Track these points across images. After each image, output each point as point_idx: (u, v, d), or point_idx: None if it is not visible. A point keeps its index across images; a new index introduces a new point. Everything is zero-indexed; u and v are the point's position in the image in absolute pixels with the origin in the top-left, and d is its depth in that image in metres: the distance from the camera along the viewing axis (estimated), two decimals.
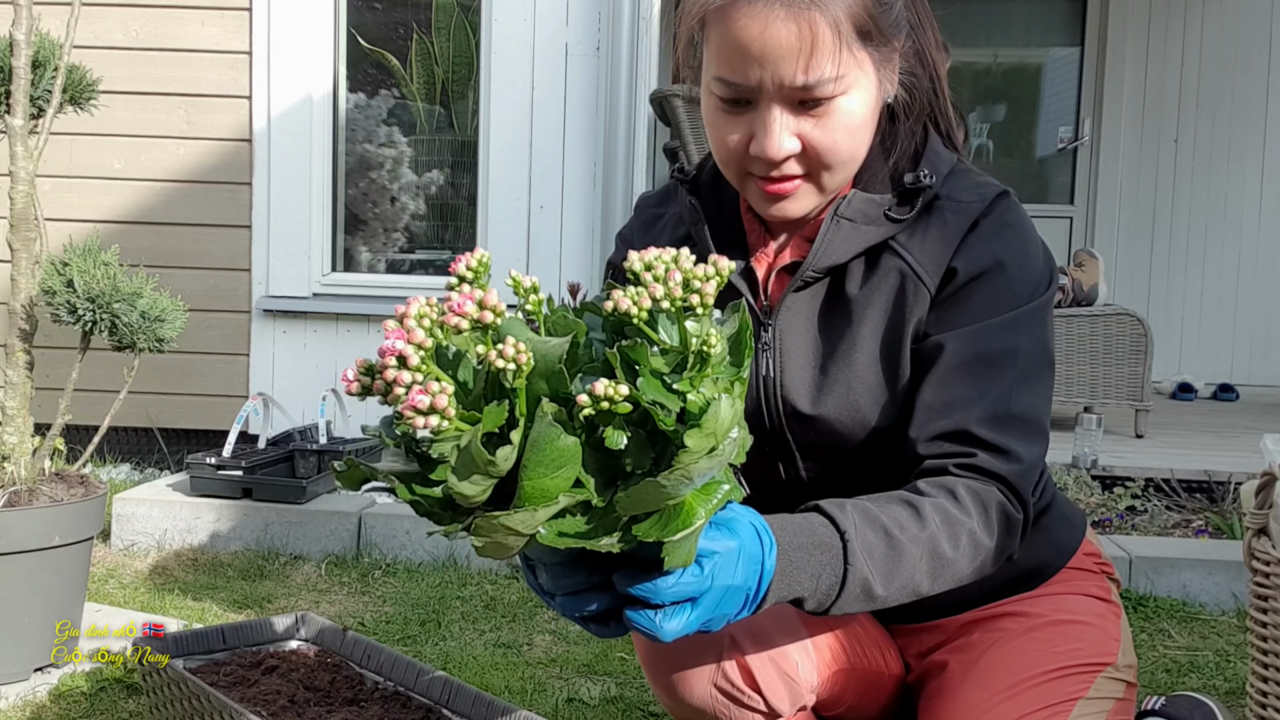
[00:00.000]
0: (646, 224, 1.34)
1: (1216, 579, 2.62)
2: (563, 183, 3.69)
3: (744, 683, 1.15)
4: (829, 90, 1.06)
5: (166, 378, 3.69)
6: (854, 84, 1.08)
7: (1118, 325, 3.88)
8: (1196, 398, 5.26)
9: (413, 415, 0.74)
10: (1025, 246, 1.12)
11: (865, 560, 0.95)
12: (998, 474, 1.06)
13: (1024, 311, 1.09)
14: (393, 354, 0.75)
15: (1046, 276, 1.13)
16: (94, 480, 2.08)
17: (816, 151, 1.09)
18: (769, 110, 1.07)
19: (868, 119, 1.10)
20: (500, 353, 0.75)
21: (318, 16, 3.78)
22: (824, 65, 1.04)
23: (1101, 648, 1.25)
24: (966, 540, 1.02)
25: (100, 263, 2.01)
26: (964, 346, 1.08)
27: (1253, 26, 5.79)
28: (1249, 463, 3.20)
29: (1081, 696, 1.21)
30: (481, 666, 2.10)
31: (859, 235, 1.13)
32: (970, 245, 1.10)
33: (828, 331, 1.16)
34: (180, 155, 3.80)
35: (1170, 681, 2.11)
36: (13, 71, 1.99)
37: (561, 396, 0.79)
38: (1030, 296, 1.10)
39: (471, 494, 0.76)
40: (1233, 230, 5.84)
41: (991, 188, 1.14)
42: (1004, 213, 1.12)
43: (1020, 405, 1.07)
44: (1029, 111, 6.23)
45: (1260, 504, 1.55)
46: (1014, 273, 1.10)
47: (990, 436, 1.06)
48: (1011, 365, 1.08)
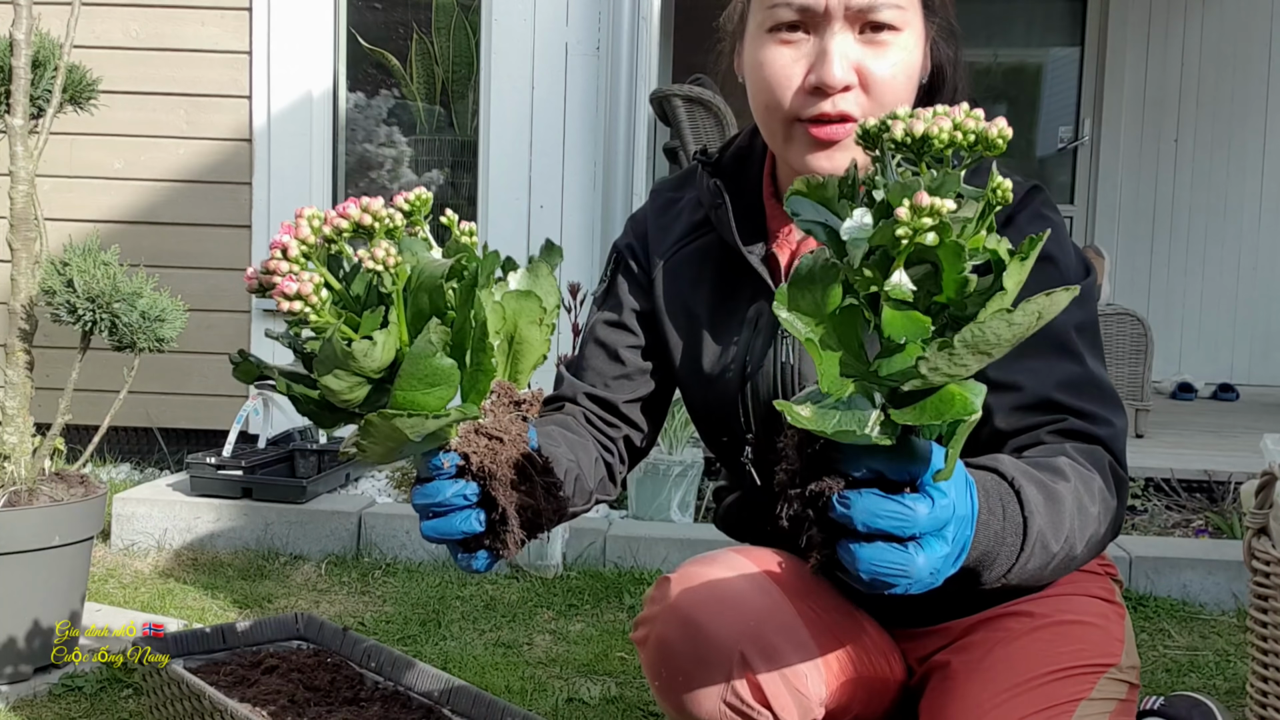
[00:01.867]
0: (662, 207, 1.31)
1: (1216, 579, 2.62)
2: (563, 183, 3.69)
3: (754, 699, 1.13)
4: (893, 17, 1.06)
5: (167, 377, 3.69)
6: (911, 25, 1.08)
7: (1118, 325, 3.88)
8: (1196, 397, 5.26)
9: (280, 300, 0.79)
10: (1062, 239, 1.11)
11: (1037, 510, 0.88)
12: (1095, 436, 1.03)
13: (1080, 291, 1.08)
14: (279, 246, 0.80)
15: (1084, 264, 1.13)
16: (94, 480, 2.08)
17: (874, 86, 1.07)
18: (831, 33, 1.06)
19: (917, 70, 1.10)
20: (372, 255, 0.79)
21: (317, 16, 3.78)
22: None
23: (1105, 648, 1.25)
24: (1099, 495, 0.98)
25: (100, 263, 2.01)
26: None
27: (1253, 26, 5.79)
28: (1249, 463, 3.20)
29: (1084, 697, 1.21)
30: (481, 666, 2.10)
31: None
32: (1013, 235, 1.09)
33: None
34: (180, 155, 3.80)
35: (1170, 681, 2.11)
36: (13, 71, 1.99)
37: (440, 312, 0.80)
38: (1078, 279, 1.08)
39: (337, 389, 0.79)
40: (1233, 230, 5.84)
41: (1024, 181, 1.13)
42: (1040, 206, 1.12)
43: (1097, 372, 1.05)
44: (1029, 111, 6.23)
45: (1260, 504, 1.55)
46: (1061, 261, 1.09)
47: (1074, 402, 1.03)
48: (1077, 336, 1.06)
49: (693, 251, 1.25)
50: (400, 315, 0.81)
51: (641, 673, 2.07)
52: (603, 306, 1.31)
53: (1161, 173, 5.88)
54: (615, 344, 1.27)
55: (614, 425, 1.26)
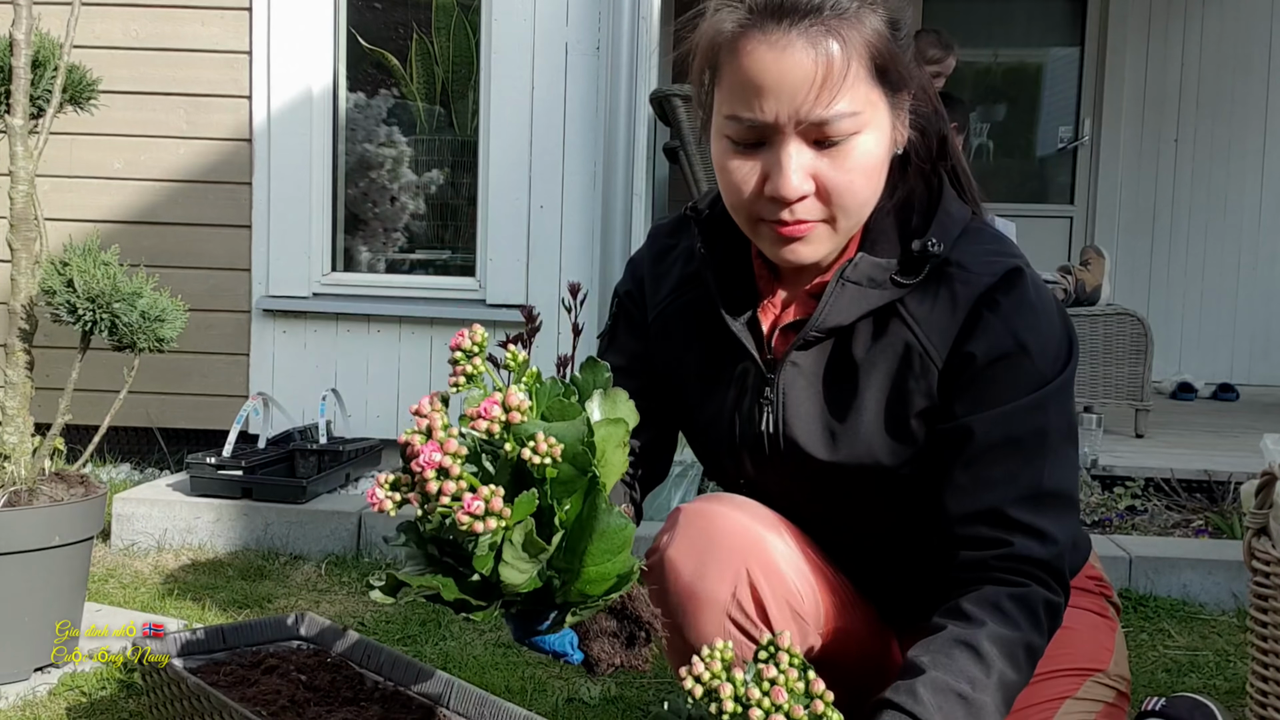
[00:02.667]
0: (658, 255, 1.33)
1: (1216, 579, 2.62)
2: (563, 183, 3.69)
3: (756, 615, 1.16)
4: (846, 127, 1.04)
5: (166, 378, 3.69)
6: (869, 123, 1.06)
7: (1118, 325, 3.88)
8: (1196, 397, 5.26)
9: (470, 521, 0.77)
10: (1045, 324, 1.10)
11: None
12: (1037, 560, 1.06)
13: (1050, 390, 1.08)
14: (433, 467, 0.78)
15: (1067, 349, 1.11)
16: (94, 480, 2.08)
17: (832, 193, 1.07)
18: (784, 147, 1.05)
19: (882, 162, 1.09)
20: (534, 449, 0.79)
21: (317, 16, 3.78)
22: (842, 97, 1.02)
23: (1093, 655, 1.26)
24: (1024, 654, 1.05)
25: (100, 262, 2.01)
26: (993, 429, 1.08)
27: (1253, 27, 5.79)
28: (1249, 462, 3.20)
29: (1070, 695, 1.22)
30: (481, 666, 2.10)
31: (864, 298, 1.12)
32: (989, 327, 1.08)
33: (833, 391, 1.16)
34: (180, 155, 3.80)
35: (1170, 681, 2.11)
36: (13, 71, 1.99)
37: (585, 470, 0.82)
38: (1055, 374, 1.09)
39: (519, 582, 0.80)
40: (1233, 230, 5.84)
41: (1004, 260, 1.11)
42: (1023, 291, 1.09)
43: (1053, 482, 1.07)
44: (1029, 111, 6.23)
45: (1260, 504, 1.55)
46: (1036, 352, 1.08)
47: (1026, 518, 1.06)
48: (1041, 444, 1.07)
49: (684, 306, 1.27)
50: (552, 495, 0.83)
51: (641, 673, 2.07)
52: (608, 350, 1.34)
53: (1161, 173, 5.88)
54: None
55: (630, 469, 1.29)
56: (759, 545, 1.17)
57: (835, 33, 1.01)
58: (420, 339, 3.77)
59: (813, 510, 1.25)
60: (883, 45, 1.05)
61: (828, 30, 1.01)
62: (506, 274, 3.72)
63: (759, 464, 1.22)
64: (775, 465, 1.21)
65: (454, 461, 0.78)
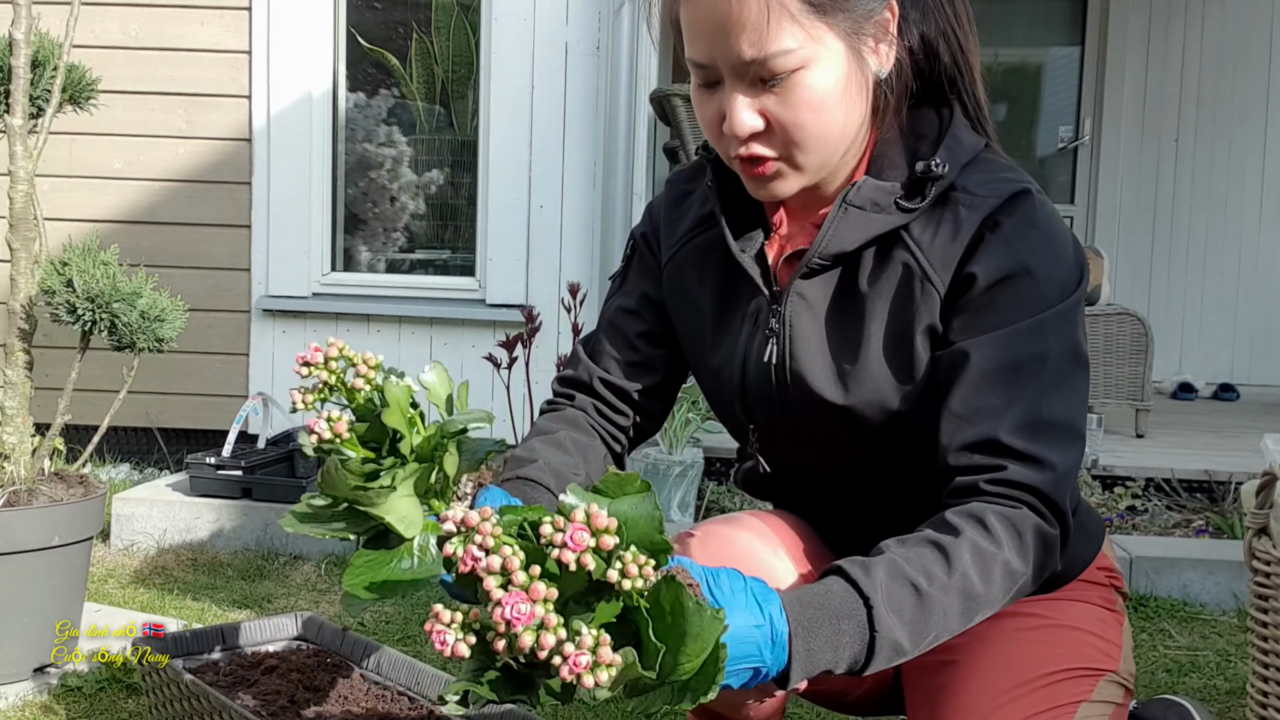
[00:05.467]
0: (675, 200, 1.31)
1: (1217, 579, 2.62)
2: (562, 182, 3.69)
3: None
4: (782, 65, 1.02)
5: (166, 378, 3.69)
6: (813, 58, 1.03)
7: (1118, 325, 3.87)
8: (1197, 397, 5.26)
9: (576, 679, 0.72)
10: (1051, 246, 1.06)
11: (893, 622, 0.93)
12: (1030, 486, 1.02)
13: (1052, 314, 1.04)
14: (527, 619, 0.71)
15: (1076, 274, 1.08)
16: (93, 480, 2.08)
17: (782, 129, 1.06)
18: (729, 88, 1.05)
19: (836, 94, 1.05)
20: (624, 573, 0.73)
21: (317, 16, 3.78)
22: (769, 40, 1.01)
23: (1104, 654, 1.25)
24: (1000, 572, 0.99)
25: (100, 262, 2.01)
26: (991, 354, 1.04)
27: (1253, 27, 5.79)
28: (1249, 462, 3.20)
29: (1085, 699, 1.21)
30: None
31: (867, 223, 1.09)
32: (992, 248, 1.05)
33: (840, 324, 1.13)
34: (180, 155, 3.80)
35: (1171, 681, 2.10)
36: (12, 71, 1.99)
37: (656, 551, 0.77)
38: (1059, 298, 1.05)
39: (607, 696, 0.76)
40: (1233, 230, 5.84)
41: (1012, 183, 1.09)
42: (1027, 212, 1.07)
43: (1052, 411, 1.03)
44: (1029, 111, 6.23)
45: (1261, 504, 1.55)
46: (1041, 276, 1.05)
47: (1021, 445, 1.02)
48: (1040, 371, 1.04)
49: (699, 245, 1.25)
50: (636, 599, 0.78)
51: None
52: (618, 292, 1.32)
53: (1162, 172, 5.88)
54: (629, 330, 1.29)
55: (624, 414, 1.29)
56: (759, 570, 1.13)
57: None
58: (420, 339, 3.77)
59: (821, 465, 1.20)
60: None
61: None
62: (506, 274, 3.72)
63: (769, 407, 1.19)
64: (785, 408, 1.17)
65: (547, 610, 0.71)
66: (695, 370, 1.29)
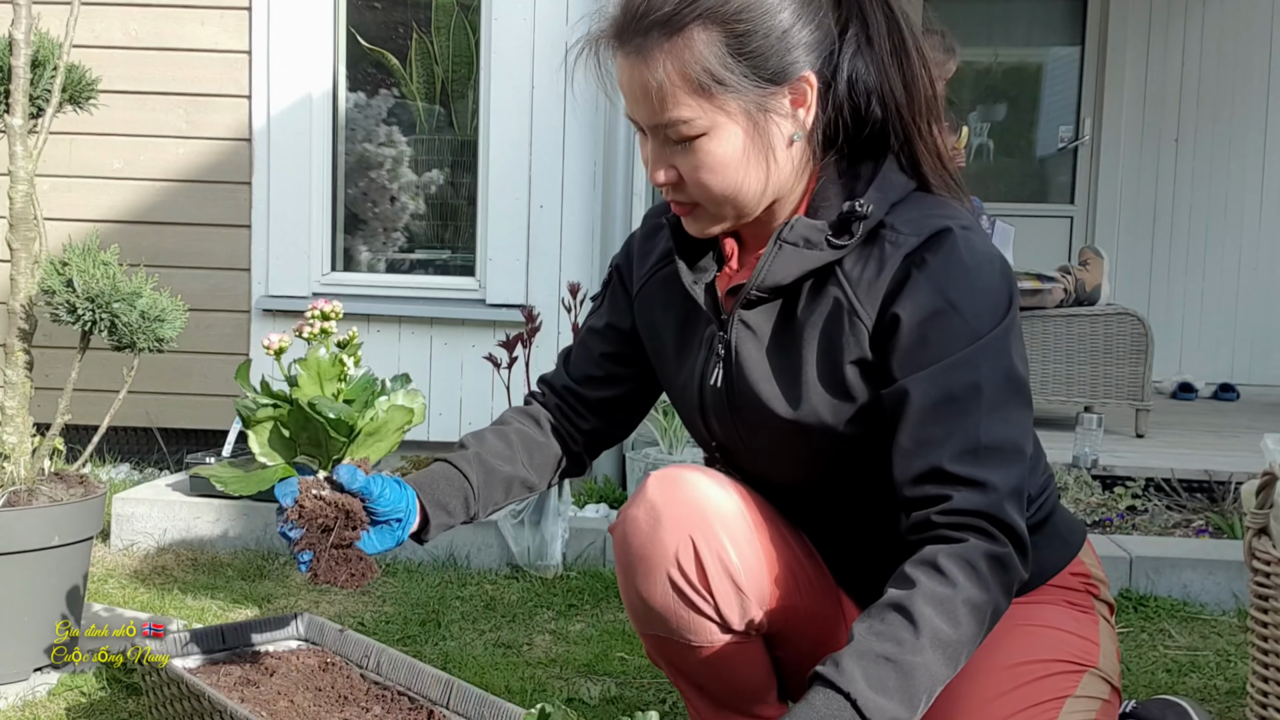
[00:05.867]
0: (649, 233, 1.42)
1: (1217, 579, 2.62)
2: (563, 182, 3.69)
3: (697, 580, 1.23)
4: (682, 131, 1.14)
5: (166, 377, 3.69)
6: (713, 126, 1.14)
7: (1118, 325, 3.88)
8: (1197, 397, 5.26)
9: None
10: (977, 279, 1.12)
11: (881, 701, 0.98)
12: (976, 510, 1.07)
13: (982, 345, 1.10)
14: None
15: (1004, 301, 1.13)
16: (93, 480, 2.08)
17: (689, 184, 1.18)
18: (650, 142, 1.19)
19: (736, 159, 1.15)
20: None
21: (317, 16, 3.78)
22: (669, 110, 1.13)
23: (1082, 649, 1.28)
24: (964, 611, 1.04)
25: (100, 262, 2.01)
26: (928, 389, 1.10)
27: (1253, 26, 5.79)
28: (1249, 462, 3.20)
29: (1070, 694, 1.23)
30: (481, 666, 2.10)
31: (801, 259, 1.17)
32: (918, 286, 1.12)
33: (781, 349, 1.21)
34: (180, 155, 3.80)
35: (1171, 681, 2.11)
36: (12, 71, 1.99)
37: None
38: (988, 328, 1.11)
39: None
40: (1233, 230, 5.84)
41: (937, 220, 1.15)
42: (950, 249, 1.13)
43: (991, 435, 1.09)
44: (1029, 111, 6.23)
45: (1261, 504, 1.55)
46: (966, 310, 1.11)
47: (964, 471, 1.08)
48: (976, 399, 1.09)
49: (663, 276, 1.36)
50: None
51: (642, 673, 2.07)
52: (594, 313, 1.47)
53: (1162, 172, 5.88)
54: (595, 349, 1.44)
55: (585, 419, 1.44)
56: (710, 514, 1.24)
57: (663, 54, 1.12)
58: (420, 339, 3.77)
59: (782, 481, 1.28)
60: (716, 57, 1.12)
61: (656, 52, 1.13)
62: (506, 274, 3.72)
63: (724, 424, 1.28)
64: (739, 425, 1.26)
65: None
66: (666, 389, 1.41)
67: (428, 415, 4.03)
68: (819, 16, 1.16)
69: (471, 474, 1.34)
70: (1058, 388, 3.90)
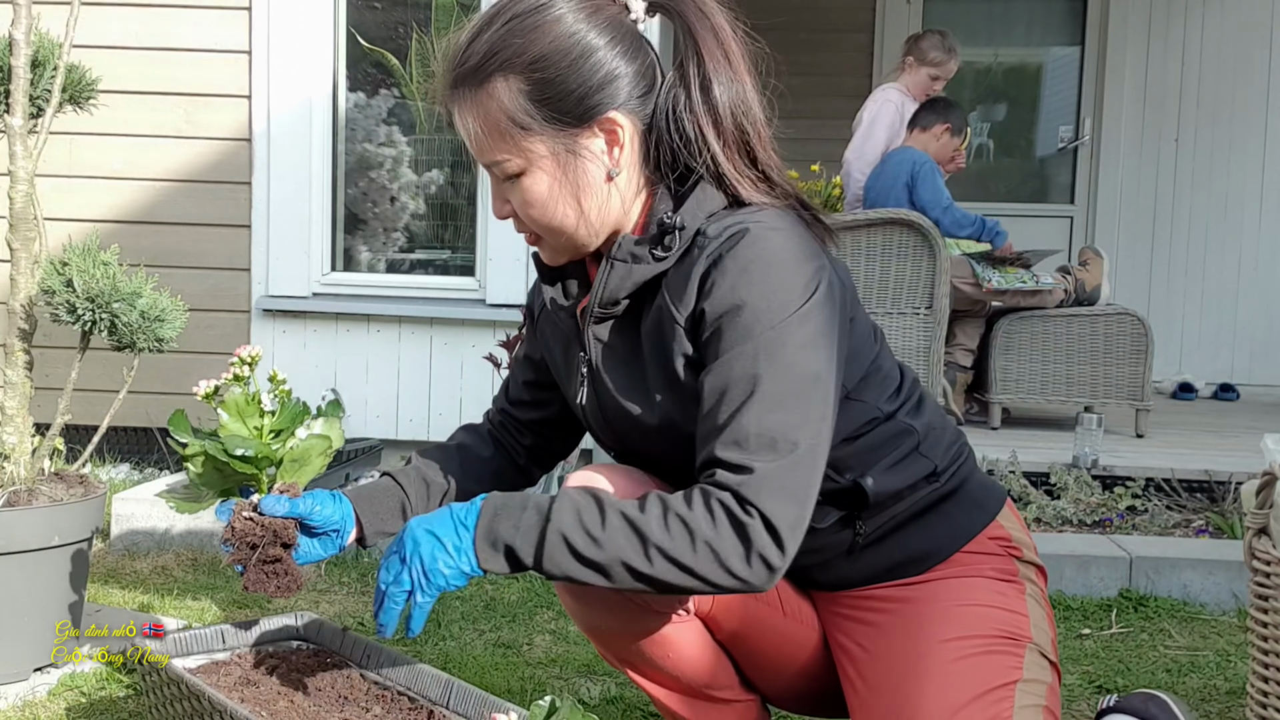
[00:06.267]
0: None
1: (1217, 579, 2.62)
2: None
3: None
4: (503, 171, 1.25)
5: (166, 377, 3.69)
6: (528, 166, 1.24)
7: (1118, 325, 3.88)
8: (1197, 397, 5.26)
9: None
10: (765, 279, 1.17)
11: (571, 519, 1.14)
12: (726, 485, 1.13)
13: (765, 339, 1.15)
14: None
15: (794, 299, 1.17)
16: (93, 480, 2.08)
17: (522, 218, 1.28)
18: (491, 179, 1.30)
19: (554, 195, 1.24)
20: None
21: (317, 16, 3.78)
22: (487, 152, 1.25)
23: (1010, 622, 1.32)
24: (676, 523, 1.12)
25: (100, 262, 2.01)
26: (715, 380, 1.17)
27: (1253, 27, 5.79)
28: (1249, 462, 3.20)
29: (1018, 679, 1.25)
30: (481, 666, 2.10)
31: (629, 274, 1.25)
32: (716, 285, 1.19)
33: (631, 360, 1.29)
34: (180, 155, 3.80)
35: (1170, 681, 2.11)
36: (12, 71, 1.99)
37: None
38: (773, 323, 1.15)
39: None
40: (1233, 230, 5.84)
41: (737, 225, 1.20)
42: (745, 249, 1.18)
43: (763, 425, 1.14)
44: (1029, 111, 6.23)
45: (1261, 504, 1.55)
46: (752, 305, 1.16)
47: (729, 457, 1.14)
48: (751, 390, 1.14)
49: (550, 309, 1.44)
50: None
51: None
52: (520, 346, 1.60)
53: (1161, 172, 5.88)
54: (519, 376, 1.55)
55: (523, 435, 1.55)
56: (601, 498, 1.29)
57: (472, 104, 1.25)
58: (420, 339, 3.77)
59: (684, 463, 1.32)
60: (517, 104, 1.22)
61: (467, 103, 1.25)
62: (506, 274, 3.72)
63: (606, 434, 1.38)
64: (617, 433, 1.36)
65: None
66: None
67: (428, 415, 4.03)
68: (634, 56, 1.26)
69: (408, 485, 1.47)
70: (1058, 388, 3.91)
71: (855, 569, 1.34)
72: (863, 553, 1.33)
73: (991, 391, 3.95)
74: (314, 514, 1.38)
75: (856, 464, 1.29)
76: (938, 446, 1.34)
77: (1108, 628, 2.44)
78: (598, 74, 1.23)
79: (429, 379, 3.77)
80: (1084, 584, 2.64)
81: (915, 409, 1.34)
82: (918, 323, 3.64)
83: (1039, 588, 1.38)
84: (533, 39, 1.23)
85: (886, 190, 4.02)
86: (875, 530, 1.32)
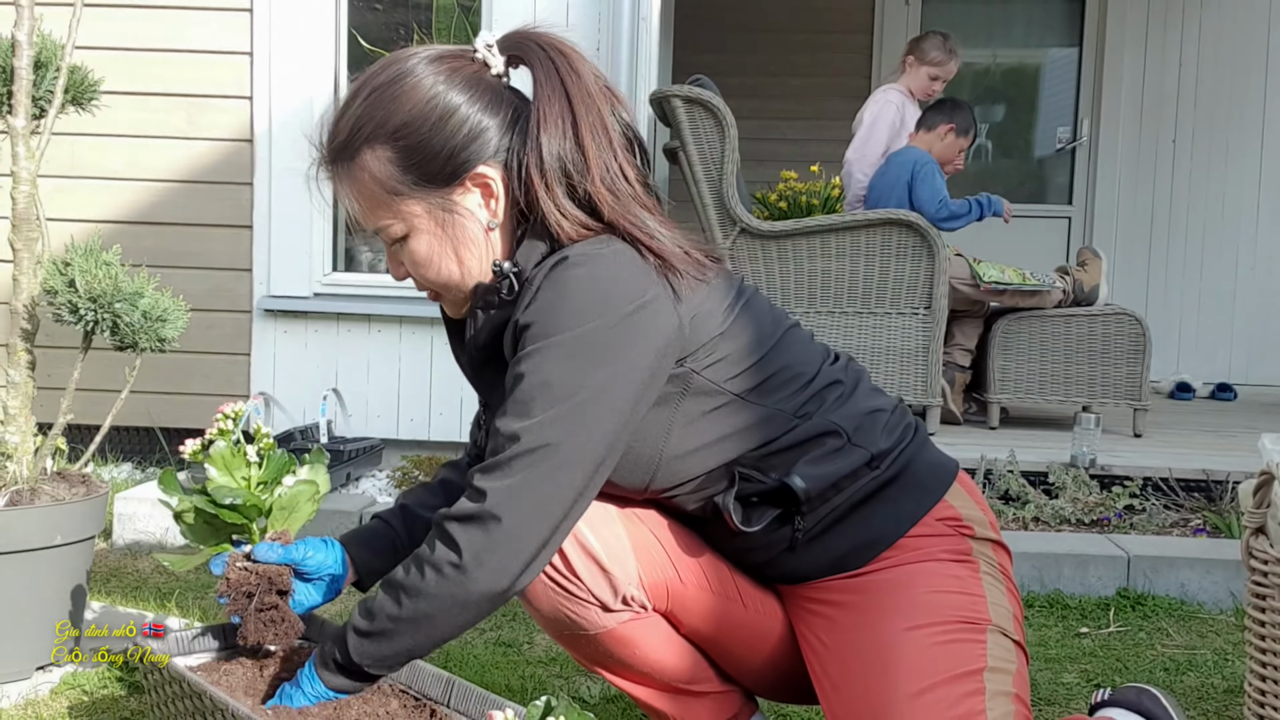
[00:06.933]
0: None
1: (1214, 578, 2.63)
2: None
3: (564, 568, 1.30)
4: (388, 235, 1.31)
5: (168, 377, 3.70)
6: (411, 228, 1.30)
7: (1116, 325, 3.88)
8: (1195, 397, 5.27)
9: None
10: (558, 300, 1.21)
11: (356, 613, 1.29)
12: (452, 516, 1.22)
13: (530, 351, 1.21)
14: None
15: (573, 321, 1.20)
16: (95, 479, 2.09)
17: (414, 277, 1.34)
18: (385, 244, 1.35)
19: (436, 252, 1.30)
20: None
21: (319, 17, 3.79)
22: (369, 219, 1.31)
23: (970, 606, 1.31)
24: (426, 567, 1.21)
25: (102, 262, 2.02)
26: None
27: (1251, 28, 5.80)
28: (1247, 462, 3.21)
29: (984, 667, 1.24)
30: (482, 665, 2.11)
31: (488, 319, 1.32)
32: (527, 310, 1.25)
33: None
34: (181, 156, 3.81)
35: (1168, 680, 2.11)
36: (15, 72, 2.00)
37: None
38: (542, 337, 1.20)
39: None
40: (1231, 230, 5.85)
41: (554, 256, 1.26)
42: (552, 275, 1.23)
43: (509, 427, 1.21)
44: (1028, 111, 6.24)
45: (1258, 503, 1.56)
46: (539, 322, 1.21)
47: (471, 481, 1.22)
48: (512, 393, 1.22)
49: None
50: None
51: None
52: None
53: (1160, 173, 5.89)
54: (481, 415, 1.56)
55: None
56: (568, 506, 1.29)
57: (347, 177, 1.30)
58: (421, 338, 3.78)
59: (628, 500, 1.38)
60: (387, 172, 1.27)
61: (342, 176, 1.31)
62: None
63: None
64: None
65: None
66: None
67: (429, 415, 4.02)
68: (496, 109, 1.29)
69: (396, 523, 1.52)
70: (1056, 387, 3.92)
71: (802, 563, 1.35)
72: (806, 547, 1.33)
73: (990, 391, 3.96)
74: (307, 559, 1.43)
75: (780, 464, 1.29)
76: (872, 432, 1.32)
77: (1105, 627, 2.45)
78: (461, 132, 1.27)
79: (430, 379, 3.77)
80: (1082, 583, 2.65)
81: (841, 401, 1.33)
82: (916, 323, 3.65)
83: (995, 564, 1.36)
84: (393, 109, 1.27)
85: (888, 191, 4.03)
86: (816, 524, 1.31)
